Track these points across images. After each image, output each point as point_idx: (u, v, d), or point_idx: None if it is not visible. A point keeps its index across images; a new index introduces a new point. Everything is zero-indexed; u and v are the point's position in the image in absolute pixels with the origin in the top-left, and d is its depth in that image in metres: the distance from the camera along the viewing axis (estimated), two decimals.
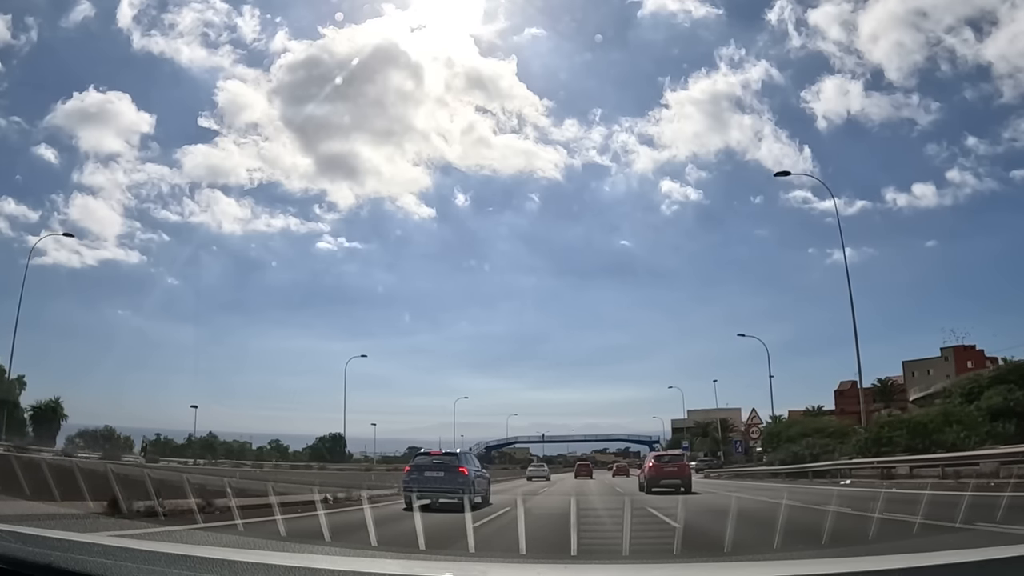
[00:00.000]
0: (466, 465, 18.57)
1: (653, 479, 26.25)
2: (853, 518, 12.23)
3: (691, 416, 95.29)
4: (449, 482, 17.49)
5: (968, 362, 64.41)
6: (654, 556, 8.40)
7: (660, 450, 46.88)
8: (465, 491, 16.95)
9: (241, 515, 10.95)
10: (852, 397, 76.89)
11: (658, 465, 27.15)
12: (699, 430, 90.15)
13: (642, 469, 31.17)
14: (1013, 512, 10.24)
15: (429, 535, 8.80)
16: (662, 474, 26.35)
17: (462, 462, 18.65)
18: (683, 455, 32.54)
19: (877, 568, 2.39)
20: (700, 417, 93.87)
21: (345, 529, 11.02)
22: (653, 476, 26.43)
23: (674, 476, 26.00)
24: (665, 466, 26.89)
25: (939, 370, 68.08)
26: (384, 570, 2.79)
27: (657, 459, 28.34)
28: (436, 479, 17.73)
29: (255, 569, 2.36)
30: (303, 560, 2.88)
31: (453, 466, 18.11)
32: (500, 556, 8.34)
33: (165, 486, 12.86)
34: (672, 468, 26.54)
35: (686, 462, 28.99)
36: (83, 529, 7.72)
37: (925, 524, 9.87)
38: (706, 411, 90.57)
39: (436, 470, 17.98)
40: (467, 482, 17.63)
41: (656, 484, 25.85)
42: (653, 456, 30.00)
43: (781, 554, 7.71)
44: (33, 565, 2.38)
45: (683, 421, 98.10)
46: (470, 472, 18.34)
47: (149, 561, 2.44)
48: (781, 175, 53.33)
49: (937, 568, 2.36)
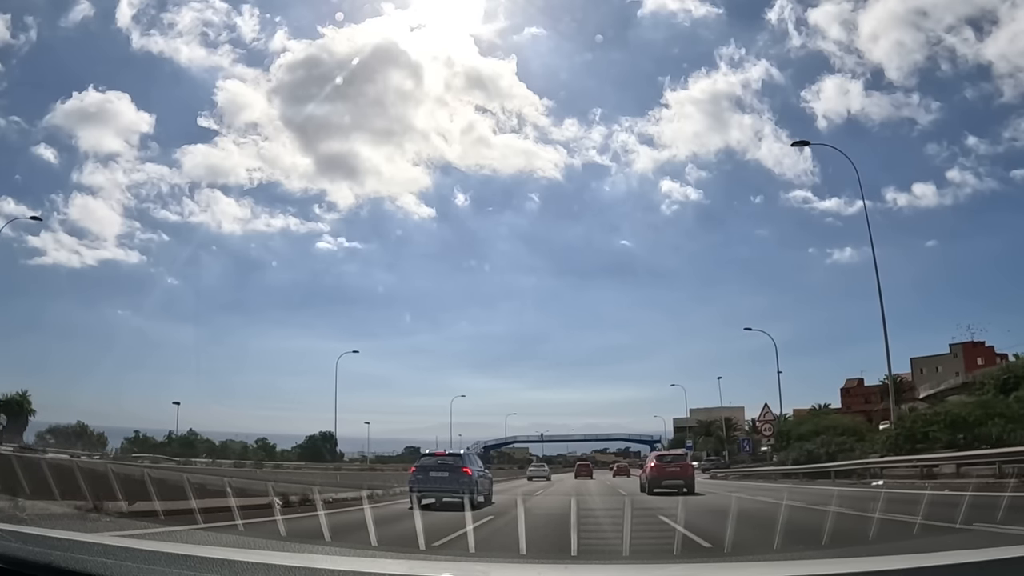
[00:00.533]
0: (470, 466, 19.07)
1: (654, 479, 25.72)
2: (942, 530, 9.76)
3: (693, 415, 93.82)
4: (453, 482, 17.92)
5: (978, 359, 63.57)
6: (653, 556, 8.41)
7: (662, 449, 46.61)
8: (469, 491, 17.37)
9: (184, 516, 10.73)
10: (859, 395, 75.67)
11: (660, 465, 26.50)
12: (702, 429, 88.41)
13: (643, 469, 30.38)
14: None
15: (428, 533, 8.81)
16: (664, 474, 25.71)
17: (466, 463, 19.15)
18: (686, 455, 31.87)
19: (878, 568, 2.39)
20: (703, 416, 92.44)
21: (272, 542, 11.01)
22: (654, 476, 25.89)
23: (676, 477, 25.34)
24: (667, 466, 26.25)
25: (948, 367, 67.00)
26: (384, 570, 2.79)
27: (659, 459, 27.66)
28: (441, 479, 18.25)
29: (255, 569, 2.36)
30: (304, 560, 2.88)
31: (457, 467, 18.65)
32: (499, 555, 8.34)
33: (129, 482, 12.41)
34: (675, 468, 25.88)
35: (689, 462, 28.34)
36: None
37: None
38: (708, 410, 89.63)
39: (441, 471, 18.51)
40: (471, 482, 18.09)
41: (658, 485, 25.30)
42: (655, 456, 29.26)
43: (782, 554, 7.71)
44: (34, 564, 2.38)
45: (685, 420, 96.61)
46: (474, 472, 18.80)
47: (149, 561, 2.44)
48: (799, 144, 51.71)
49: (938, 569, 2.36)
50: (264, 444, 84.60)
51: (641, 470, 32.68)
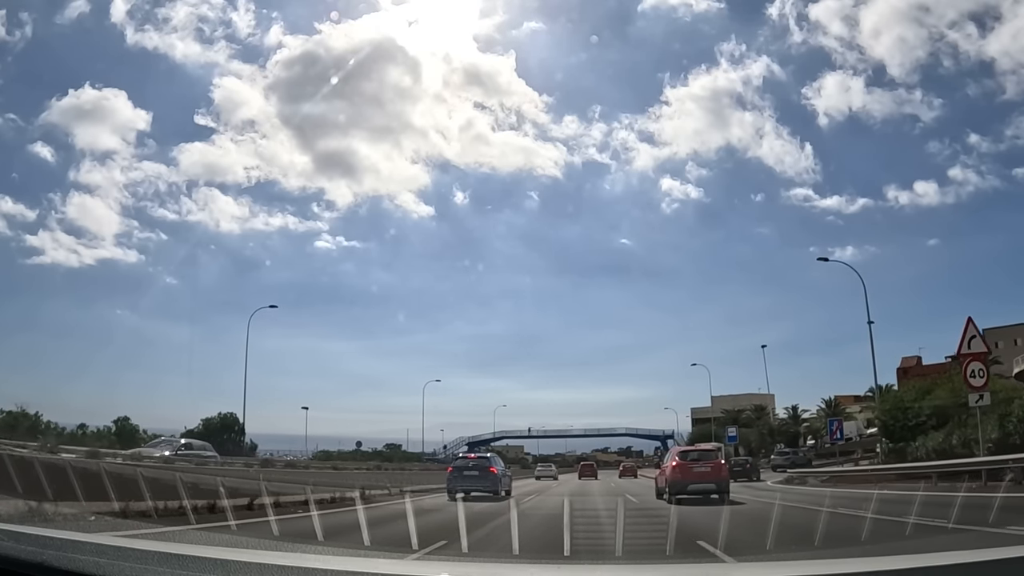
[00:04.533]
0: (495, 466, 23.65)
1: (678, 483, 19.63)
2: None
3: (717, 404, 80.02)
4: (483, 479, 22.48)
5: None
6: (648, 556, 8.40)
7: (682, 445, 38.85)
8: (495, 487, 22.08)
9: None
10: (918, 375, 65.27)
11: (684, 464, 20.46)
12: (728, 418, 74.28)
13: (661, 470, 23.50)
14: None
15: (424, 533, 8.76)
16: (690, 476, 19.80)
17: (492, 463, 23.74)
18: (718, 451, 26.41)
19: (873, 569, 2.39)
20: (728, 404, 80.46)
21: None
22: (678, 479, 19.81)
23: (706, 479, 19.70)
24: (694, 465, 20.36)
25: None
26: (379, 570, 2.78)
27: (683, 456, 21.37)
28: (472, 477, 22.67)
29: (249, 568, 2.35)
30: (298, 560, 2.87)
31: (485, 467, 23.14)
32: (495, 555, 8.34)
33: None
34: (704, 468, 20.14)
35: (721, 460, 22.67)
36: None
37: None
38: (735, 397, 79.81)
39: (472, 471, 23.02)
40: (497, 479, 22.59)
41: (682, 490, 19.29)
42: (677, 452, 22.57)
43: (776, 555, 7.70)
44: (26, 564, 2.37)
45: (706, 410, 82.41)
46: (499, 471, 23.28)
47: (142, 560, 2.43)
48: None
49: (932, 569, 2.35)
50: (125, 425, 59.26)
51: (658, 471, 25.13)
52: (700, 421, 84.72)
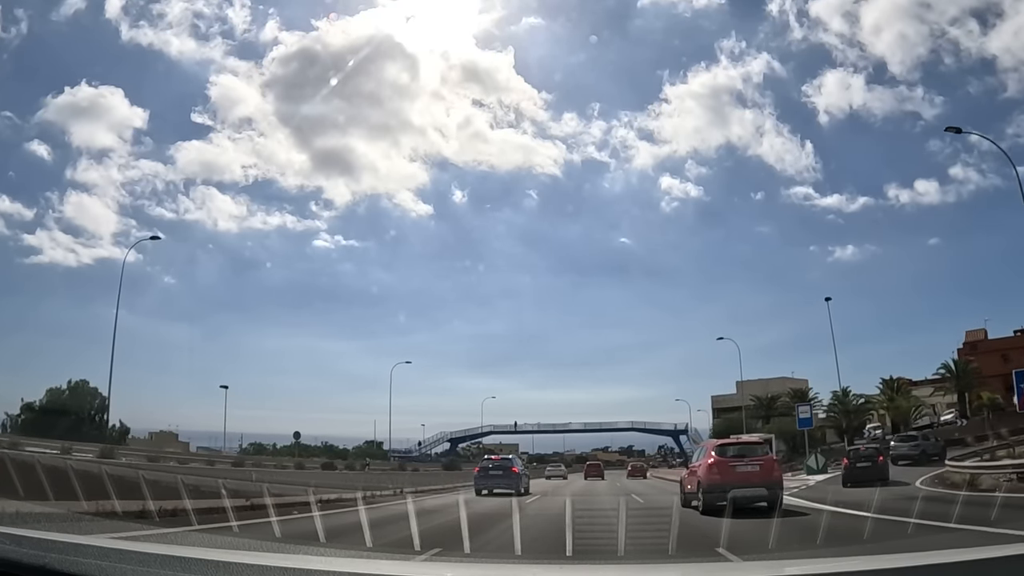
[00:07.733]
0: (517, 466, 27.05)
1: (716, 486, 14.98)
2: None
3: (744, 390, 66.64)
4: (506, 478, 25.72)
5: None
6: (650, 556, 8.40)
7: (707, 439, 31.75)
8: (517, 485, 25.26)
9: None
10: (986, 352, 59.84)
11: (723, 462, 15.60)
12: (761, 408, 64.34)
13: (690, 470, 18.20)
14: None
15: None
16: (732, 477, 15.04)
17: (514, 464, 27.26)
18: (767, 445, 20.93)
19: (872, 568, 2.39)
20: (757, 389, 66.89)
21: None
22: (716, 481, 15.12)
23: (753, 481, 15.14)
24: (737, 463, 15.57)
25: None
26: (381, 571, 2.79)
27: (721, 451, 16.18)
28: (497, 476, 25.95)
29: (250, 571, 2.35)
30: (299, 561, 2.87)
31: (508, 467, 26.42)
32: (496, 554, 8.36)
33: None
34: (750, 467, 15.48)
35: (773, 455, 18.48)
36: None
37: None
38: (765, 382, 68.45)
39: (497, 470, 26.32)
40: (518, 477, 25.86)
41: (721, 497, 14.24)
42: (714, 448, 16.67)
43: (777, 554, 7.71)
44: (28, 567, 2.37)
45: (731, 398, 70.52)
46: (520, 471, 26.72)
47: (144, 563, 2.44)
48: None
49: (931, 568, 2.35)
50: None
51: (687, 471, 19.08)
52: (724, 411, 72.29)
